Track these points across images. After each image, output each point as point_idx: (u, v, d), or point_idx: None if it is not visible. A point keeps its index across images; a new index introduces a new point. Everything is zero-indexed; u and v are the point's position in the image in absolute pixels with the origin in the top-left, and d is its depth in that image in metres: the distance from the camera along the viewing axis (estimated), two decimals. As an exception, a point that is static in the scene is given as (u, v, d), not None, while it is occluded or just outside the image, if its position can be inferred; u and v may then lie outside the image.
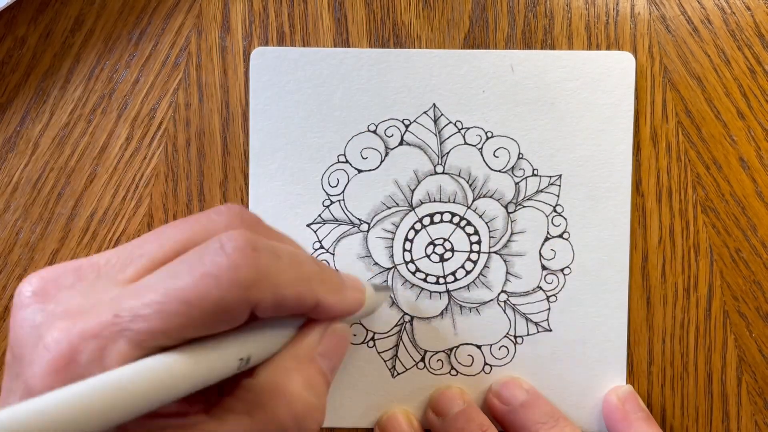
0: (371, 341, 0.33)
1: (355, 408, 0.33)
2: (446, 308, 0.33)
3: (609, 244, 0.33)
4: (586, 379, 0.33)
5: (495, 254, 0.33)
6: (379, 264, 0.33)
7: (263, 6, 0.33)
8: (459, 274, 0.33)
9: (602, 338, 0.33)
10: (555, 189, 0.33)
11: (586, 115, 0.33)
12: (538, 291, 0.33)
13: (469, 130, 0.33)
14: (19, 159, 0.34)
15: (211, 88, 0.33)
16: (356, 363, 0.33)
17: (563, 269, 0.33)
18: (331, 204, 0.33)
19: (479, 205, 0.33)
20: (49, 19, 0.33)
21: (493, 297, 0.33)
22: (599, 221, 0.33)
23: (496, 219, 0.33)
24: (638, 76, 0.33)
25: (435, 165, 0.33)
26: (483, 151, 0.33)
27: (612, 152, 0.33)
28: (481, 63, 0.33)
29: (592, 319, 0.33)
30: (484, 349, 0.33)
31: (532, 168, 0.33)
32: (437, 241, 0.33)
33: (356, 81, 0.33)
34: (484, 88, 0.33)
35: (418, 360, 0.33)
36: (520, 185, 0.33)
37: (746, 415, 0.33)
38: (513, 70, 0.33)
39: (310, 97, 0.33)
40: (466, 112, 0.33)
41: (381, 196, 0.33)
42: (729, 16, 0.33)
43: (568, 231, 0.33)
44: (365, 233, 0.33)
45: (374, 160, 0.33)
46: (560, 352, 0.33)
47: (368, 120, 0.33)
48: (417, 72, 0.33)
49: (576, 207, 0.33)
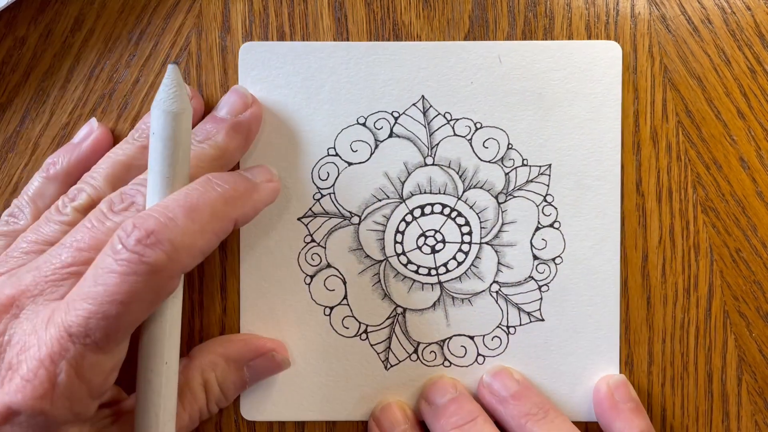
0: (364, 334, 0.33)
1: (348, 401, 0.33)
2: (438, 300, 0.33)
3: (600, 233, 0.33)
4: (578, 368, 0.33)
5: (486, 245, 0.33)
6: (370, 256, 0.33)
7: (263, 6, 0.33)
8: (451, 266, 0.33)
9: (594, 327, 0.33)
10: (545, 179, 0.33)
11: (574, 105, 0.33)
12: (530, 281, 0.33)
13: (458, 122, 0.33)
14: (19, 159, 0.34)
15: (211, 88, 0.33)
16: (349, 356, 0.33)
17: (554, 259, 0.33)
18: (322, 197, 0.33)
19: (470, 196, 0.33)
20: (49, 19, 0.33)
21: (485, 287, 0.33)
22: (589, 210, 0.33)
23: (487, 209, 0.33)
24: (638, 76, 0.33)
25: (425, 157, 0.33)
26: (472, 142, 0.33)
27: (601, 141, 0.33)
28: (468, 54, 0.33)
29: (584, 308, 0.33)
30: (477, 340, 0.33)
31: (521, 158, 0.33)
32: (428, 232, 0.33)
33: (345, 74, 0.33)
34: (472, 79, 0.33)
35: (411, 352, 0.33)
36: (510, 175, 0.33)
37: (746, 415, 0.33)
38: (501, 61, 0.33)
39: (299, 90, 0.33)
40: (454, 104, 0.33)
41: (371, 188, 0.33)
42: (729, 16, 0.33)
43: (558, 220, 0.33)
44: (356, 226, 0.33)
45: (364, 152, 0.33)
46: (553, 342, 0.33)
47: (357, 113, 0.33)
48: (405, 64, 0.33)
49: (566, 196, 0.33)
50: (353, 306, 0.33)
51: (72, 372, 0.24)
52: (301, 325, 0.33)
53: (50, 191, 0.31)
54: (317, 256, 0.33)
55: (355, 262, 0.33)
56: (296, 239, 0.33)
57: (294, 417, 0.33)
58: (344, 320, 0.33)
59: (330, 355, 0.33)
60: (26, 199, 0.31)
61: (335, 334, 0.33)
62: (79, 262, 0.26)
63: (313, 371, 0.33)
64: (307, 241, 0.33)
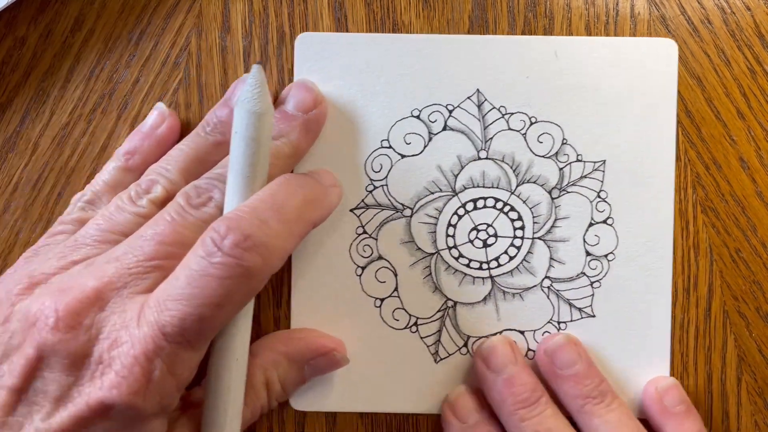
0: (414, 326, 0.33)
1: (397, 393, 0.33)
2: (489, 294, 0.33)
3: (653, 230, 0.33)
4: (629, 365, 0.33)
5: (539, 240, 0.33)
6: (422, 249, 0.33)
7: (263, 6, 0.33)
8: (502, 260, 0.33)
9: (645, 325, 0.33)
10: (599, 174, 0.33)
11: (630, 101, 0.33)
12: (582, 277, 0.33)
13: (513, 116, 0.33)
14: (19, 159, 0.34)
15: (211, 88, 0.33)
16: (398, 348, 0.33)
17: (607, 255, 0.33)
18: (375, 189, 0.33)
19: (523, 191, 0.33)
20: (49, 19, 0.34)
21: (536, 283, 0.33)
22: (643, 207, 0.33)
23: (540, 204, 0.33)
24: None
25: (479, 150, 0.33)
26: (527, 137, 0.33)
27: (656, 137, 0.33)
28: (524, 49, 0.33)
29: (636, 305, 0.33)
30: (528, 335, 0.33)
31: (576, 153, 0.33)
32: (480, 226, 0.33)
33: (400, 67, 0.33)
34: (528, 73, 0.33)
35: (461, 345, 0.33)
36: (564, 171, 0.33)
37: (746, 415, 0.33)
38: (557, 56, 0.33)
39: (354, 82, 0.33)
40: (509, 98, 0.33)
41: (424, 181, 0.33)
42: (729, 16, 0.33)
43: (612, 217, 0.33)
44: (408, 218, 0.33)
45: (418, 145, 0.33)
46: (603, 339, 0.33)
47: (412, 105, 0.33)
48: (461, 57, 0.33)
49: (620, 192, 0.33)
50: (404, 298, 0.33)
51: (165, 369, 0.25)
52: (352, 316, 0.33)
53: (128, 181, 0.31)
54: (369, 248, 0.33)
55: (406, 254, 0.33)
56: (348, 231, 0.33)
57: (342, 408, 0.33)
58: (395, 312, 0.33)
59: (380, 347, 0.33)
60: (104, 188, 0.31)
61: (385, 326, 0.33)
62: (161, 255, 0.27)
63: (362, 363, 0.33)
64: (359, 232, 0.33)
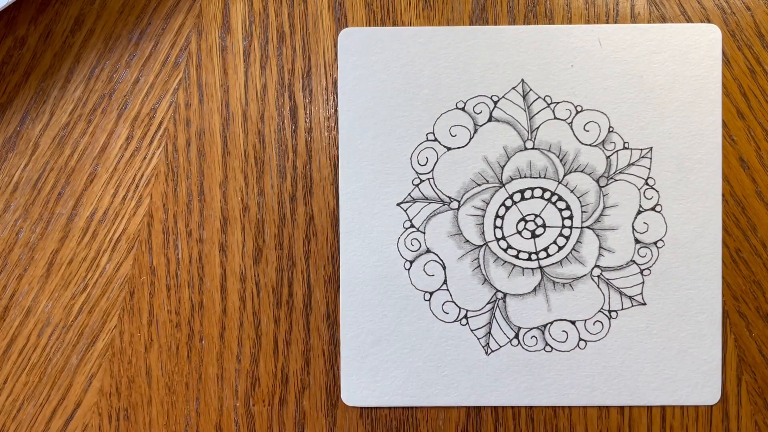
0: (464, 319, 0.33)
1: (449, 386, 0.33)
2: (539, 284, 0.33)
3: (701, 215, 0.33)
4: (681, 352, 0.33)
5: (587, 229, 0.33)
6: (470, 241, 0.33)
7: (263, 6, 0.33)
8: (551, 250, 0.33)
9: (697, 311, 0.33)
10: (646, 162, 0.33)
11: (675, 88, 0.33)
12: (632, 265, 0.33)
13: (559, 105, 0.33)
14: (19, 159, 0.34)
15: (211, 88, 0.33)
16: (449, 341, 0.33)
17: (656, 242, 0.33)
18: (421, 182, 0.33)
19: (570, 180, 0.33)
20: (49, 19, 0.34)
21: (586, 272, 0.33)
22: (691, 193, 0.33)
23: (588, 193, 0.33)
24: None
25: (525, 141, 0.33)
26: (573, 126, 0.33)
27: (702, 123, 0.33)
28: (568, 38, 0.33)
29: (686, 291, 0.33)
30: (579, 325, 0.33)
31: (622, 141, 0.33)
32: (528, 217, 0.33)
33: (443, 59, 0.33)
34: (573, 62, 0.33)
35: (512, 337, 0.33)
36: (611, 159, 0.33)
37: (746, 415, 0.33)
38: (600, 44, 0.33)
39: (398, 76, 0.33)
40: (554, 87, 0.33)
41: (471, 173, 0.33)
42: (729, 16, 0.33)
43: (660, 204, 0.33)
44: (455, 211, 0.33)
45: (463, 137, 0.33)
46: (655, 326, 0.33)
47: (456, 97, 0.33)
48: (504, 48, 0.33)
49: (668, 179, 0.33)
50: (453, 291, 0.33)
51: None
52: (401, 311, 0.33)
53: None
54: (416, 242, 0.33)
55: (454, 247, 0.33)
56: (395, 225, 0.33)
57: (394, 403, 0.33)
58: (444, 305, 0.33)
59: (430, 341, 0.33)
60: None
61: (435, 319, 0.33)
62: None
63: (413, 357, 0.33)
64: (407, 226, 0.33)
